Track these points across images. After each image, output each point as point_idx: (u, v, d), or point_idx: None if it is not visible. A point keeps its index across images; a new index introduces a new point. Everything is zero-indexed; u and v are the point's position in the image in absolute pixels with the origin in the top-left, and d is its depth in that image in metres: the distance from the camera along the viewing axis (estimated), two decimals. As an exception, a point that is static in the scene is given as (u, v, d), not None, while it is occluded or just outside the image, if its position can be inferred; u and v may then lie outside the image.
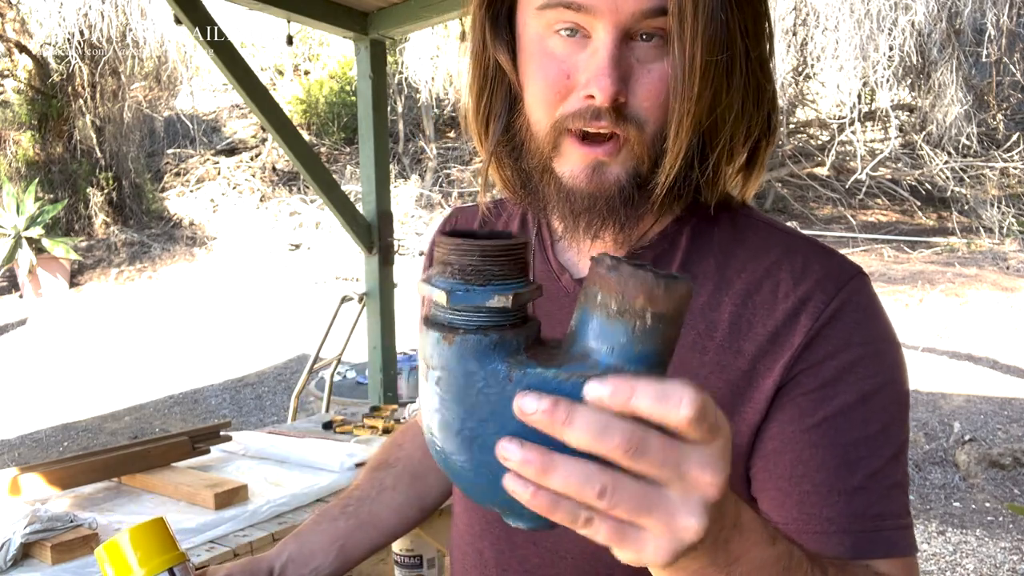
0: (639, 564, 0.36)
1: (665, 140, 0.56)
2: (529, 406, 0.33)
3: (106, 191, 11.29)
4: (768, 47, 0.58)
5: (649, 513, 0.34)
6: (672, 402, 0.32)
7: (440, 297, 0.37)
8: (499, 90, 0.63)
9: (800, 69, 9.38)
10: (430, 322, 0.38)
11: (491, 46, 0.61)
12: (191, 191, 12.54)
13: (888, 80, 8.27)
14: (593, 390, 0.33)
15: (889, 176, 10.41)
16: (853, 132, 8.73)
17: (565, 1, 0.54)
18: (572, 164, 0.58)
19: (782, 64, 8.43)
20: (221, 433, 1.89)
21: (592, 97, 0.55)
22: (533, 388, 0.35)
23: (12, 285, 10.00)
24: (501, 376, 0.36)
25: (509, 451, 0.34)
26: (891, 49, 7.69)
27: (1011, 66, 8.97)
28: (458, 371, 0.37)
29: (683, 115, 0.54)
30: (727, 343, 0.59)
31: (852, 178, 9.49)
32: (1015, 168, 9.09)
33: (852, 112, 8.48)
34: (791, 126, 10.80)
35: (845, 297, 0.57)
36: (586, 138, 0.57)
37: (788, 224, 0.67)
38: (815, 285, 0.58)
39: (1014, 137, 9.09)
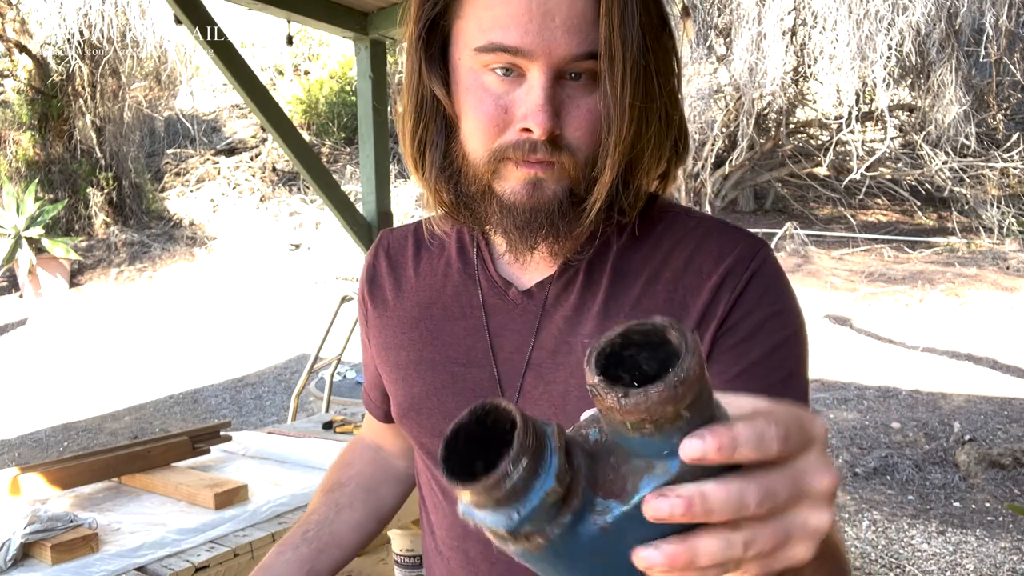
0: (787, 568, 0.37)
1: (595, 165, 0.62)
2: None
3: (106, 191, 11.29)
4: (677, 81, 0.65)
5: (788, 537, 0.35)
6: (767, 442, 0.33)
7: (502, 532, 0.34)
8: (434, 119, 0.66)
9: (799, 69, 9.38)
10: (502, 539, 0.35)
11: (427, 78, 0.65)
12: (191, 191, 12.54)
13: (885, 80, 8.26)
14: (701, 450, 0.32)
15: (889, 176, 10.40)
16: (851, 132, 8.73)
17: (503, 46, 0.59)
18: (512, 183, 0.63)
19: (781, 64, 8.43)
20: (221, 433, 1.89)
21: (529, 131, 0.60)
22: (618, 520, 0.33)
23: (12, 285, 10.00)
24: (596, 533, 0.34)
25: (650, 557, 0.33)
26: (890, 49, 7.69)
27: (1011, 66, 8.97)
28: (561, 563, 0.35)
29: (614, 146, 0.60)
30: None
31: (848, 178, 9.49)
32: (1015, 168, 9.09)
33: (851, 112, 8.48)
34: (791, 126, 10.80)
35: (755, 267, 0.66)
36: (524, 162, 0.62)
37: (703, 214, 0.75)
38: (732, 265, 0.66)
39: (1014, 137, 9.09)
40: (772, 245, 9.14)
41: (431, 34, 0.64)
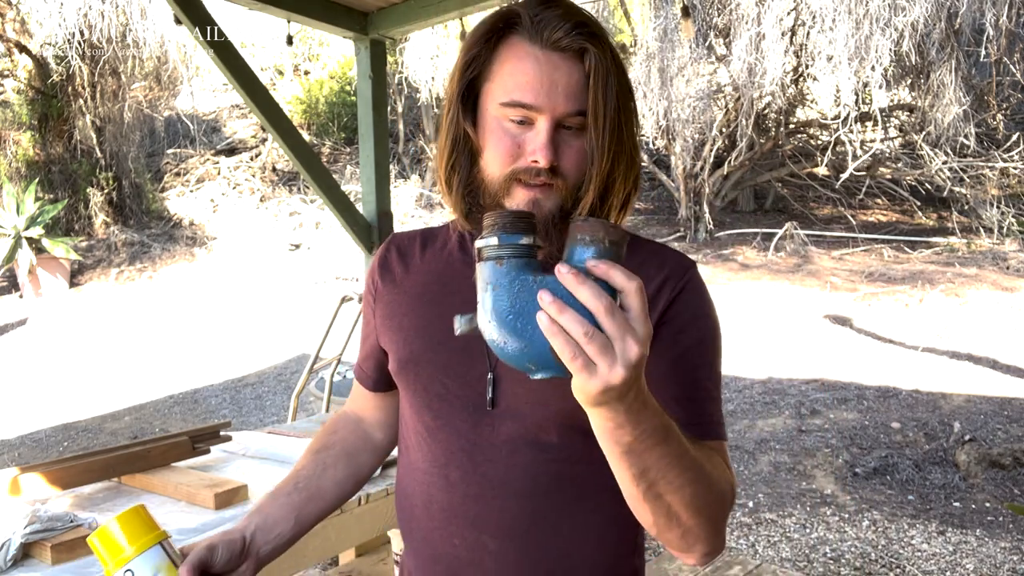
0: (586, 395, 0.62)
1: (580, 189, 0.87)
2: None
3: (106, 191, 11.29)
4: (636, 130, 0.92)
5: (603, 356, 0.60)
6: (630, 280, 0.61)
7: (493, 240, 0.64)
8: (464, 151, 0.91)
9: (799, 69, 9.38)
10: (486, 257, 0.64)
11: (462, 121, 0.90)
12: (191, 191, 12.54)
13: (885, 80, 8.27)
14: (593, 266, 0.61)
15: (889, 176, 10.40)
16: (851, 132, 8.73)
17: (522, 103, 0.84)
18: (518, 200, 0.87)
19: (780, 64, 8.43)
20: (221, 433, 1.89)
21: (537, 162, 0.84)
22: (548, 287, 0.61)
23: (12, 285, 10.00)
24: (530, 282, 0.63)
25: (545, 299, 0.60)
26: (889, 50, 7.69)
27: (1011, 66, 8.96)
28: (505, 282, 0.63)
29: (595, 175, 0.86)
30: None
31: (842, 178, 9.50)
32: (1015, 168, 9.09)
33: (851, 112, 8.48)
34: (791, 126, 10.80)
35: (687, 279, 0.91)
36: (528, 185, 0.86)
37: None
38: (669, 273, 0.91)
39: (1014, 137, 9.09)
40: (772, 245, 9.14)
41: (467, 90, 0.89)
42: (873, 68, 7.73)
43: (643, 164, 1.43)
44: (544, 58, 0.83)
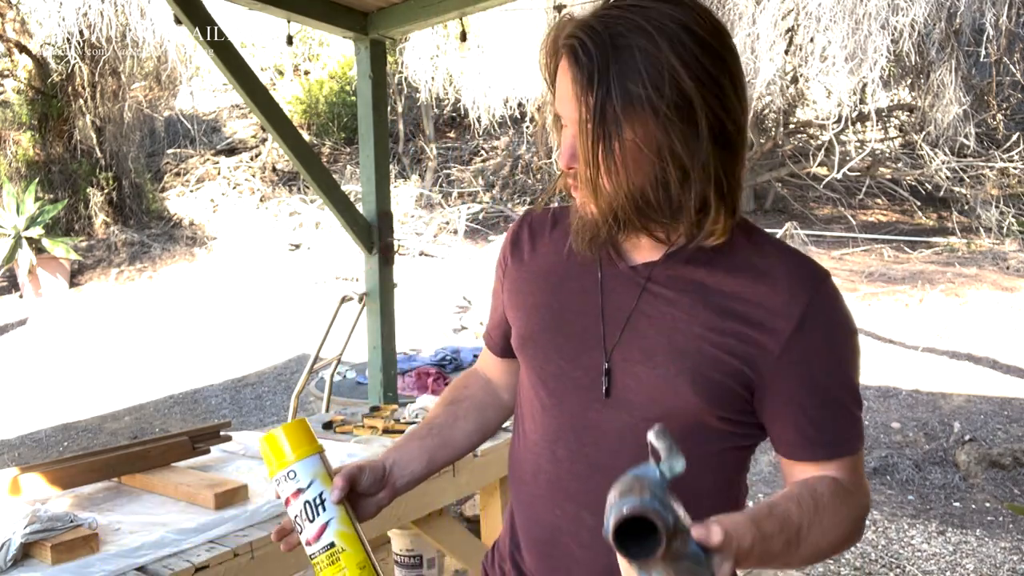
0: None
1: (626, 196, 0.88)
2: None
3: (106, 191, 11.28)
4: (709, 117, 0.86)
5: None
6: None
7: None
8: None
9: (799, 69, 9.38)
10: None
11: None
12: (191, 191, 12.53)
13: (883, 80, 8.26)
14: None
15: (889, 176, 10.40)
16: (852, 132, 8.73)
17: (556, 113, 0.88)
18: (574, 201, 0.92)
19: (776, 65, 8.43)
20: (221, 433, 1.89)
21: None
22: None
23: (12, 285, 10.00)
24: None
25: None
26: (888, 50, 7.68)
27: (1011, 66, 8.97)
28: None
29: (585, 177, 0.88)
30: (741, 317, 0.90)
31: (829, 177, 9.49)
32: (1015, 168, 9.08)
33: (851, 112, 8.47)
34: (790, 126, 10.79)
35: (819, 290, 0.88)
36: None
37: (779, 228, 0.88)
38: (798, 283, 0.88)
39: (1014, 137, 9.09)
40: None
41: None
42: (872, 68, 7.73)
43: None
44: (564, 66, 0.85)
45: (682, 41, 0.79)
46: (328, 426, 2.27)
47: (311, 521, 0.87)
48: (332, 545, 0.86)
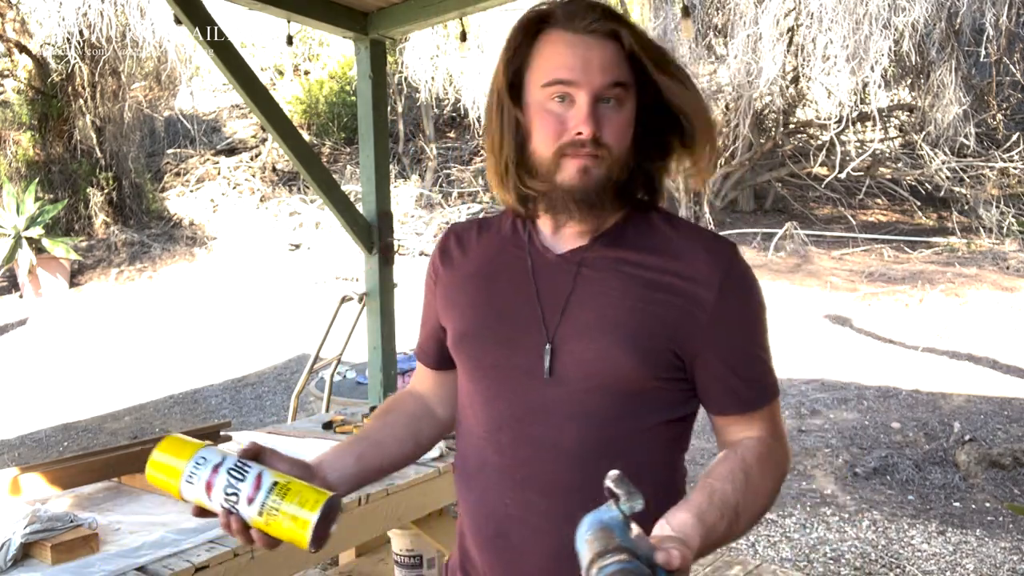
0: None
1: (625, 162, 0.93)
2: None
3: (106, 191, 11.28)
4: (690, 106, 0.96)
5: None
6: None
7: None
8: (514, 136, 0.96)
9: (799, 69, 9.38)
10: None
11: (511, 109, 0.96)
12: (191, 191, 12.53)
13: (884, 80, 8.26)
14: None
15: (889, 176, 10.40)
16: (853, 132, 8.73)
17: (560, 79, 0.91)
18: (570, 170, 0.92)
19: (777, 65, 8.43)
20: (221, 433, 1.89)
21: (581, 134, 0.90)
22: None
23: (12, 285, 10.00)
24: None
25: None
26: (889, 50, 7.68)
27: (1011, 66, 8.97)
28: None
29: (698, 130, 0.94)
30: (667, 288, 0.97)
31: (829, 178, 9.49)
32: (1015, 168, 9.08)
33: (851, 112, 8.47)
34: (791, 126, 10.79)
35: (729, 263, 0.96)
36: (577, 155, 0.92)
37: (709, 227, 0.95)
38: (712, 259, 0.95)
39: (1014, 137, 9.08)
40: (772, 245, 9.14)
41: (512, 82, 0.95)
42: (872, 68, 7.73)
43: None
44: (578, 40, 0.91)
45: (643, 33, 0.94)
46: (328, 426, 2.28)
47: (242, 480, 0.83)
48: (276, 483, 0.83)
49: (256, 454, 0.90)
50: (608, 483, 0.74)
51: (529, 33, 0.95)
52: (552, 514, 0.95)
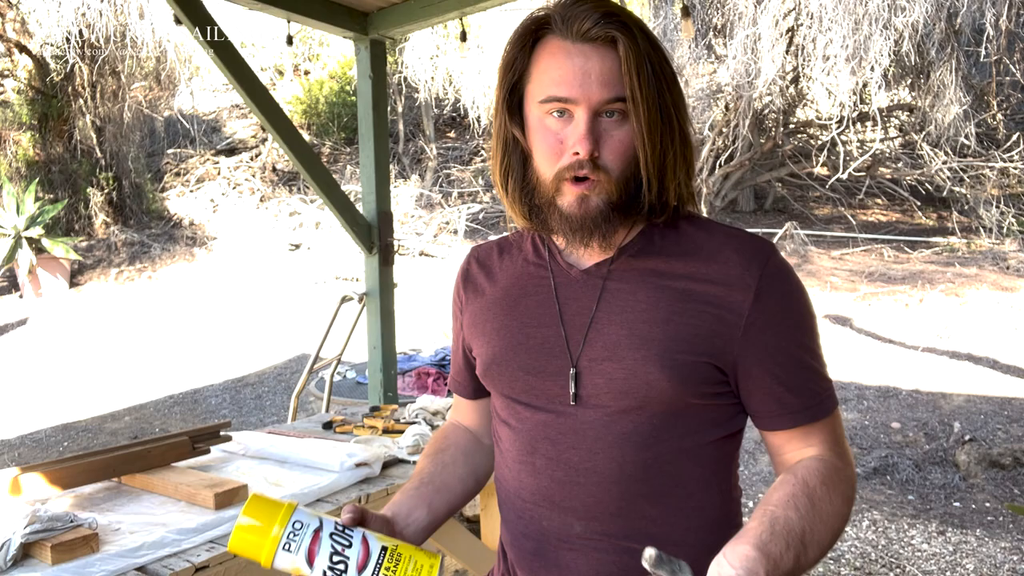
0: None
1: (628, 182, 0.89)
2: None
3: (106, 191, 11.28)
4: (684, 114, 0.91)
5: None
6: None
7: None
8: (515, 154, 0.94)
9: (799, 69, 9.38)
10: None
11: (509, 126, 0.93)
12: (191, 191, 12.53)
13: (884, 80, 8.25)
14: None
15: (889, 176, 10.40)
16: (853, 132, 8.73)
17: (557, 96, 0.87)
18: (568, 198, 0.89)
19: (776, 65, 8.42)
20: (221, 433, 1.89)
21: (577, 153, 0.86)
22: None
23: (12, 285, 10.00)
24: None
25: None
26: (889, 50, 7.68)
27: (1011, 66, 8.96)
28: None
29: (647, 160, 0.87)
30: (700, 296, 0.92)
31: (832, 180, 9.49)
32: (1015, 168, 9.08)
33: (851, 112, 8.47)
34: (791, 126, 10.79)
35: (768, 264, 0.90)
36: (576, 181, 0.88)
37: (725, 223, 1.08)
38: (748, 261, 0.90)
39: (1014, 137, 9.08)
40: (772, 245, 9.12)
41: (511, 96, 0.93)
42: (873, 68, 7.73)
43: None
44: (576, 50, 0.86)
45: (654, 40, 0.89)
46: (328, 426, 2.27)
47: (350, 546, 0.79)
48: (385, 548, 0.80)
49: (360, 520, 0.85)
50: (646, 566, 0.70)
51: (526, 43, 0.91)
52: (592, 535, 0.92)
